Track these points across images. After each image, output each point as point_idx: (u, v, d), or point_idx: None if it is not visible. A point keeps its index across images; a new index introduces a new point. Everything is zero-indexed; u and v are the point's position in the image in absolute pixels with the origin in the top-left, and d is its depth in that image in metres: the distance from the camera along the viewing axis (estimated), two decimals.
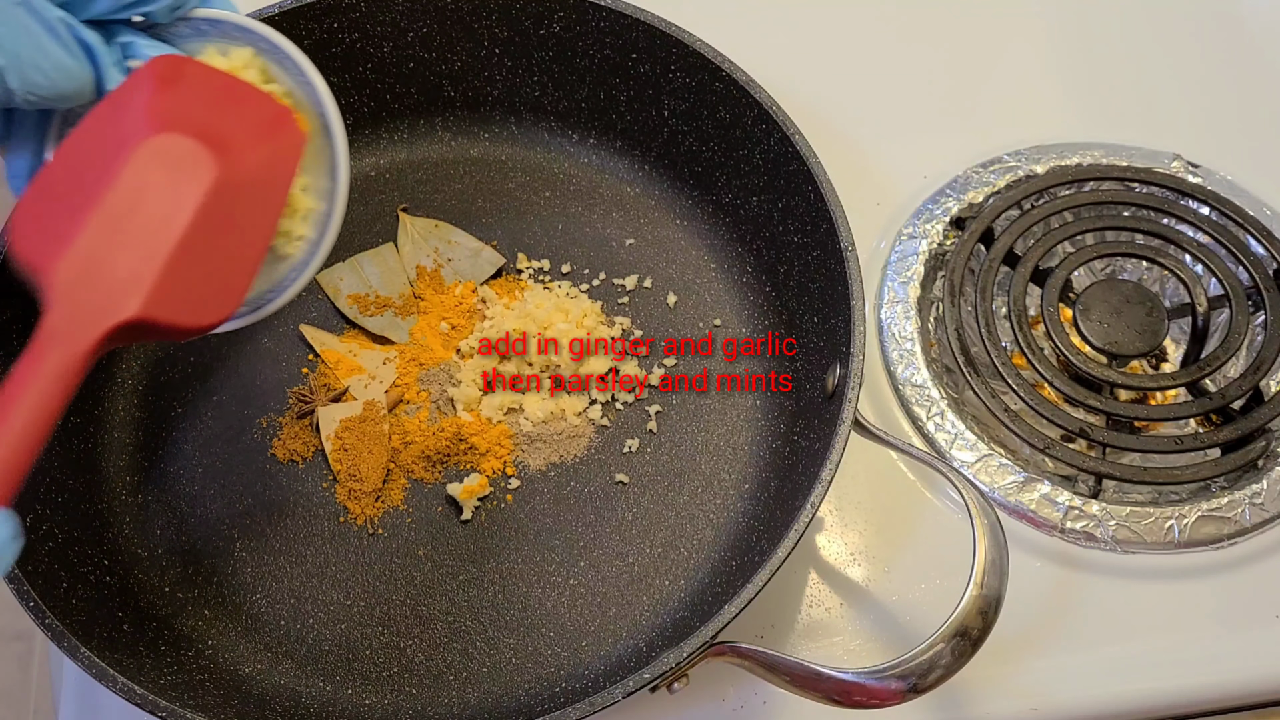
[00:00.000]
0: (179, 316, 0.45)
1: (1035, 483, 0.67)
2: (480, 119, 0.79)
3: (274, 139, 0.50)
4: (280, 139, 0.51)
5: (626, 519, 0.66)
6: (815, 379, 0.65)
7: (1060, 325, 0.72)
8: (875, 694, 0.50)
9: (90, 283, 0.44)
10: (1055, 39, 0.88)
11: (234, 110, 0.49)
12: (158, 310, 0.44)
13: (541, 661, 0.62)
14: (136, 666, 0.56)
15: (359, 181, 0.78)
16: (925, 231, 0.76)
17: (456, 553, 0.66)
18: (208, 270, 0.46)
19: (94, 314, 0.43)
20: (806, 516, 0.55)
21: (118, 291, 0.44)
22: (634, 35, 0.71)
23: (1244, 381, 0.70)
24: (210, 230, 0.46)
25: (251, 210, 0.49)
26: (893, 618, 0.64)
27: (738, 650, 0.53)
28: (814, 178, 0.64)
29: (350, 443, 0.67)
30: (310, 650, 0.63)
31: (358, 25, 0.73)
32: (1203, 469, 0.67)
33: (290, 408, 0.69)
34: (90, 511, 0.64)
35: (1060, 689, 0.62)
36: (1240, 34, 0.88)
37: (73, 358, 0.42)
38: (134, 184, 0.45)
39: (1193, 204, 0.77)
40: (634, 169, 0.78)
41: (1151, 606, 0.65)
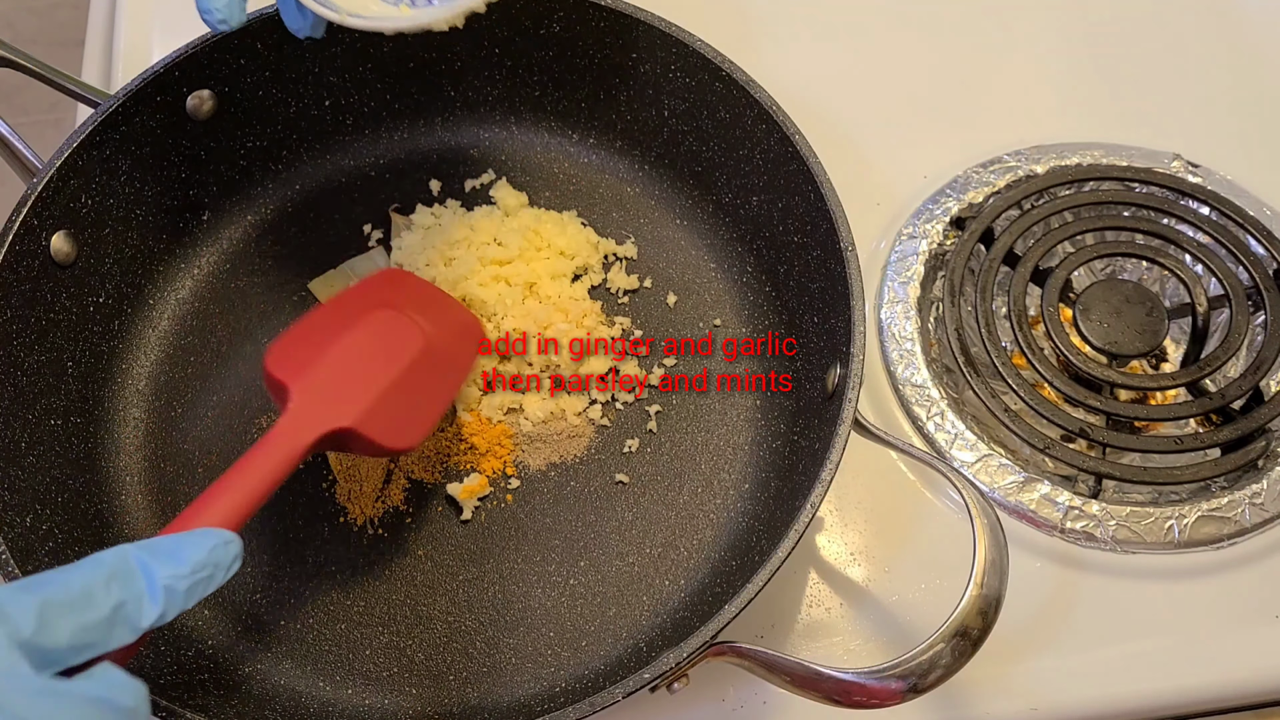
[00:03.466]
0: (379, 436, 0.58)
1: (1035, 483, 0.67)
2: (480, 119, 0.79)
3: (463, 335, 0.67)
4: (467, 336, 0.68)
5: (626, 519, 0.66)
6: (815, 379, 0.65)
7: (1060, 325, 0.72)
8: (875, 694, 0.50)
9: (321, 397, 0.57)
10: (1055, 39, 0.88)
11: (438, 310, 0.66)
12: (366, 427, 0.57)
13: (541, 661, 0.62)
14: (136, 667, 0.56)
15: (359, 181, 0.78)
16: (925, 231, 0.76)
17: (456, 553, 0.66)
18: (405, 410, 0.60)
19: (321, 418, 0.57)
20: (806, 516, 0.55)
21: (341, 407, 0.57)
22: (634, 35, 0.71)
23: (1244, 381, 0.70)
24: (412, 383, 0.61)
25: (442, 379, 0.64)
26: (893, 618, 0.64)
27: (738, 650, 0.53)
28: (814, 178, 0.64)
29: None
30: (310, 650, 0.63)
31: None
32: (1203, 469, 0.67)
33: None
34: (90, 511, 0.64)
35: (1060, 689, 0.62)
36: (1240, 34, 0.88)
37: (296, 447, 0.55)
38: (364, 338, 0.61)
39: (1193, 204, 0.77)
40: (634, 169, 0.78)
41: (1151, 606, 0.65)
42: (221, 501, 0.50)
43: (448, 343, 0.65)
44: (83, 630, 0.40)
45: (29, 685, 0.37)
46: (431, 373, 0.63)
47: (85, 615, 0.40)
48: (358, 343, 0.61)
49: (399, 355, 0.61)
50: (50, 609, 0.39)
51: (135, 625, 0.42)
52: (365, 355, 0.60)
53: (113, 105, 0.66)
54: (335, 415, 0.57)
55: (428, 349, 0.62)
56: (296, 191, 0.77)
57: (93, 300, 0.68)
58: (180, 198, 0.72)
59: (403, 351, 0.61)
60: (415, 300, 0.66)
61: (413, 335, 0.62)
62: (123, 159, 0.68)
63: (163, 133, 0.69)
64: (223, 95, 0.71)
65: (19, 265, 0.62)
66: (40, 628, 0.38)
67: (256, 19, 0.70)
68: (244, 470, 0.53)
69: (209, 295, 0.73)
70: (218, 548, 0.45)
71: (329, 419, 0.57)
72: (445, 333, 0.65)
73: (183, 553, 0.44)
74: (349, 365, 0.59)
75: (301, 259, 0.75)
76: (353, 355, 0.60)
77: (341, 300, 0.65)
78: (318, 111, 0.76)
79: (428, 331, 0.63)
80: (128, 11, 0.86)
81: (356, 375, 0.59)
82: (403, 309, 0.64)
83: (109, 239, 0.68)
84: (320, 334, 0.61)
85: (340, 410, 0.57)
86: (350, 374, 0.59)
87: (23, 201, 0.62)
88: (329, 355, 0.59)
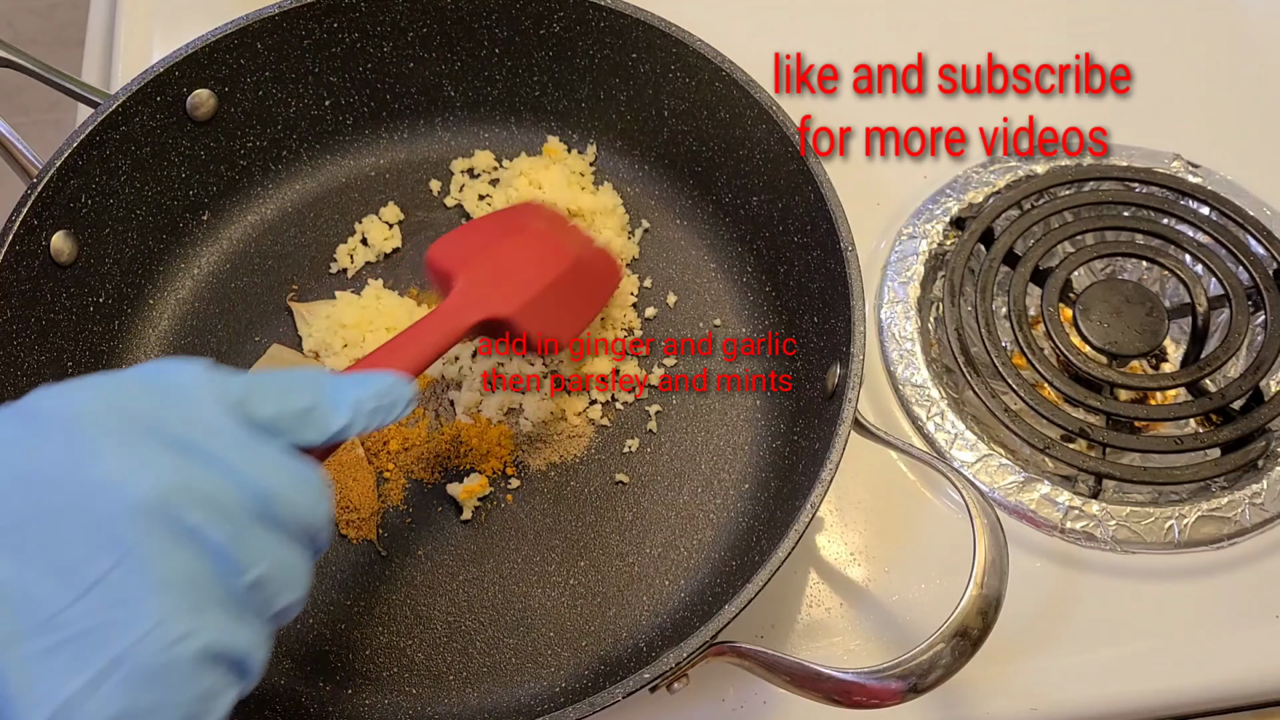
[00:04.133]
0: (533, 328, 0.61)
1: (1035, 483, 0.67)
2: (480, 119, 0.79)
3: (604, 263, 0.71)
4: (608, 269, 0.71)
5: (626, 519, 0.66)
6: (815, 379, 0.65)
7: (1060, 325, 0.72)
8: (875, 694, 0.50)
9: (484, 287, 0.61)
10: (1055, 38, 0.87)
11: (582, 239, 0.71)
12: (522, 318, 0.61)
13: (541, 661, 0.62)
14: None
15: (359, 181, 0.78)
16: (925, 231, 0.76)
17: (456, 553, 0.66)
18: (556, 312, 0.64)
19: (484, 303, 0.60)
20: (806, 516, 0.55)
21: (503, 297, 0.61)
22: (634, 35, 0.71)
23: (1244, 381, 0.70)
24: (563, 290, 0.64)
25: (588, 294, 0.68)
26: (893, 618, 0.64)
27: (738, 650, 0.53)
28: (814, 178, 0.64)
29: (331, 477, 0.66)
30: (310, 650, 0.63)
31: (358, 25, 0.73)
32: (1203, 469, 0.67)
33: None
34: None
35: (1060, 689, 0.62)
36: (1240, 34, 0.88)
37: (460, 325, 0.58)
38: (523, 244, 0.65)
39: (1193, 204, 0.77)
40: (634, 169, 0.78)
41: (1151, 606, 0.65)
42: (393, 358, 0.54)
43: (591, 266, 0.69)
44: (281, 415, 0.41)
45: (239, 439, 0.39)
46: (579, 286, 0.67)
47: (285, 402, 0.42)
48: (517, 247, 0.65)
49: (553, 264, 0.65)
50: (255, 388, 0.41)
51: (325, 428, 0.43)
52: (524, 258, 0.64)
53: (113, 105, 0.66)
54: (497, 303, 0.60)
55: (577, 265, 0.66)
56: (296, 191, 0.77)
57: (93, 300, 0.68)
58: (180, 198, 0.72)
59: (557, 261, 0.65)
60: (564, 228, 0.71)
61: (566, 250, 0.67)
62: (123, 159, 0.68)
63: (163, 133, 0.69)
64: (223, 95, 0.71)
65: (19, 265, 0.62)
66: (247, 397, 0.41)
67: (257, 19, 0.70)
68: (411, 337, 0.56)
69: (209, 295, 0.73)
70: (397, 384, 0.46)
71: (492, 306, 0.60)
72: (590, 257, 0.70)
73: (368, 381, 0.46)
74: (509, 264, 0.63)
75: (301, 259, 0.75)
76: (513, 256, 0.64)
77: (496, 216, 0.72)
78: (318, 111, 0.76)
79: (575, 250, 0.68)
80: (128, 11, 0.86)
81: (516, 273, 0.63)
82: (555, 230, 0.69)
83: (109, 239, 0.68)
84: (481, 237, 0.66)
85: (502, 300, 0.61)
86: (511, 271, 0.63)
87: (23, 201, 0.62)
88: (492, 253, 0.63)
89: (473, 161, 0.78)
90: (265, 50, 0.71)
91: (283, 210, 0.77)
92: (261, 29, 0.70)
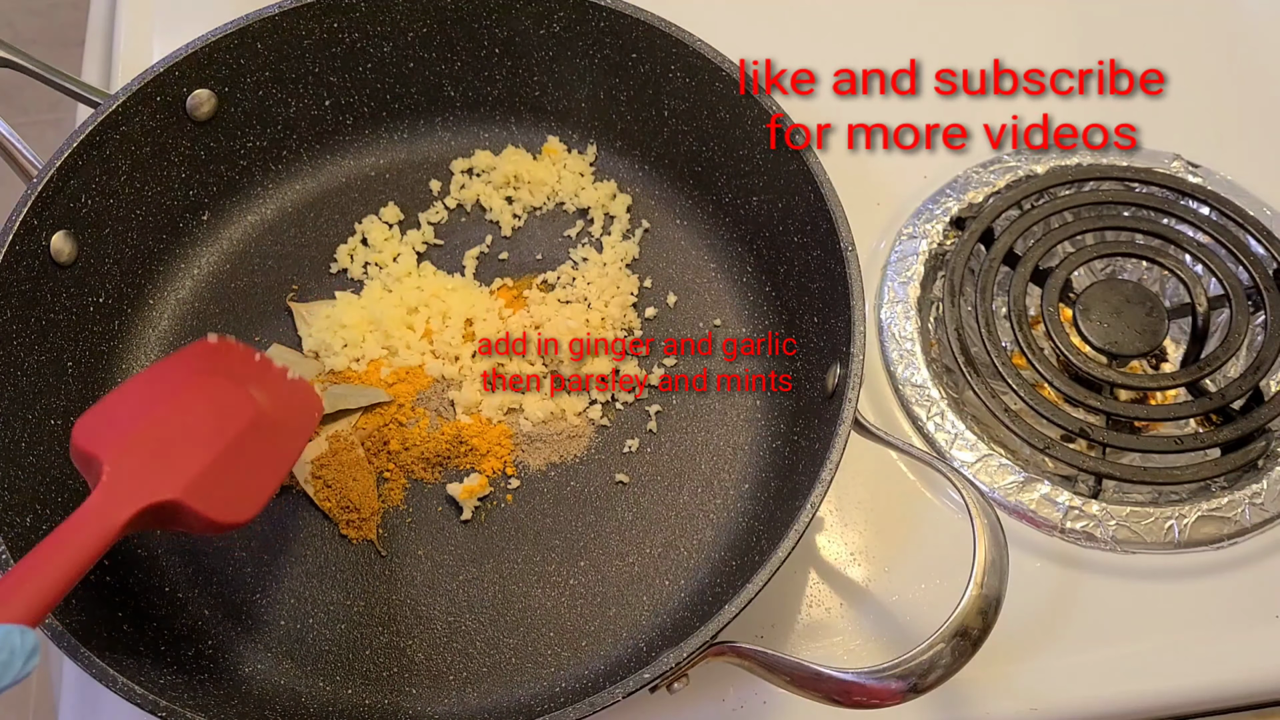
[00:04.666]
0: (207, 509, 0.53)
1: (1035, 483, 0.67)
2: (480, 119, 0.79)
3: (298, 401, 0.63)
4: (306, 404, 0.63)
5: (626, 519, 0.66)
6: (815, 379, 0.65)
7: (1060, 325, 0.72)
8: (875, 694, 0.50)
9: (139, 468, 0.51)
10: (1055, 38, 0.87)
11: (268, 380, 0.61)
12: (192, 499, 0.52)
13: (541, 661, 0.62)
14: (136, 666, 0.56)
15: (359, 181, 0.78)
16: (925, 231, 0.76)
17: (456, 553, 0.66)
18: (236, 482, 0.55)
19: (139, 490, 0.50)
20: (806, 516, 0.55)
21: (163, 477, 0.51)
22: (634, 35, 0.71)
23: (1244, 381, 0.70)
24: (243, 451, 0.56)
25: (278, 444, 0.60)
26: (893, 618, 0.64)
27: (738, 650, 0.53)
28: (814, 178, 0.64)
29: (331, 478, 0.66)
30: (310, 650, 0.63)
31: (358, 25, 0.73)
32: (1203, 469, 0.67)
33: None
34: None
35: (1060, 689, 0.62)
36: (1241, 35, 0.88)
37: (110, 527, 0.49)
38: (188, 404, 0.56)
39: (1193, 204, 0.77)
40: (634, 169, 0.78)
41: (1151, 606, 0.65)
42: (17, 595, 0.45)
43: (281, 412, 0.60)
44: None
45: None
46: (264, 442, 0.58)
47: None
48: (181, 409, 0.55)
49: (228, 423, 0.56)
50: None
51: None
52: (190, 422, 0.55)
53: (113, 105, 0.66)
54: (156, 487, 0.51)
55: (259, 418, 0.58)
56: (296, 191, 0.77)
57: (93, 300, 0.68)
58: (180, 198, 0.72)
59: (232, 419, 0.56)
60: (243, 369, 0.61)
61: (242, 402, 0.58)
62: (123, 159, 0.68)
63: (163, 133, 0.69)
64: (223, 95, 0.71)
65: (19, 265, 0.62)
66: None
67: (257, 19, 0.70)
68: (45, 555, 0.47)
69: (209, 295, 0.73)
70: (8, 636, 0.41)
71: (149, 491, 0.51)
72: (277, 401, 0.61)
73: None
74: (171, 433, 0.54)
75: (301, 259, 0.75)
76: (175, 422, 0.55)
77: (160, 369, 0.60)
78: (318, 111, 0.76)
79: (258, 399, 0.59)
80: (128, 11, 0.86)
81: (180, 443, 0.53)
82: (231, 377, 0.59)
83: (109, 239, 0.68)
84: (137, 402, 0.56)
85: (162, 481, 0.51)
86: (173, 442, 0.53)
87: (23, 201, 0.62)
88: (148, 422, 0.54)
89: (473, 161, 0.78)
90: (265, 50, 0.71)
91: (283, 210, 0.77)
92: (261, 29, 0.70)
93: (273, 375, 0.62)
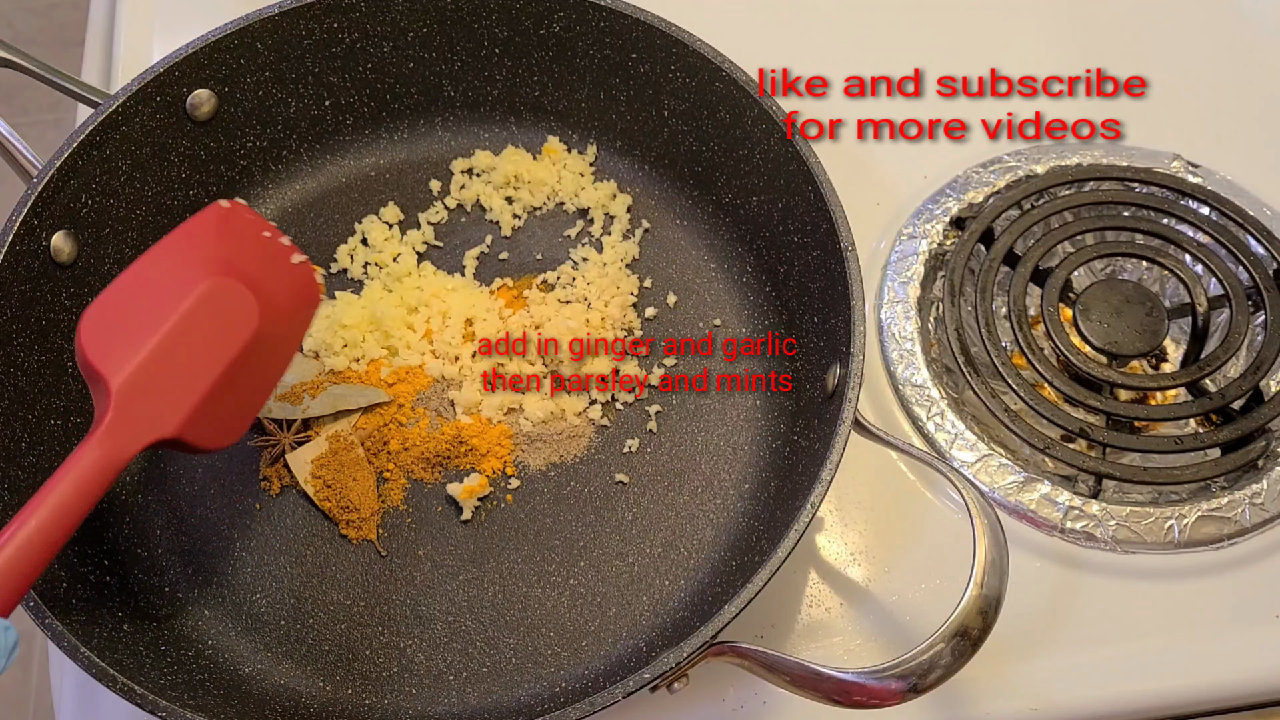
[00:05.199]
0: (200, 440, 0.53)
1: (1035, 483, 0.67)
2: (480, 119, 0.79)
3: (301, 300, 0.60)
4: (305, 302, 0.60)
5: (626, 519, 0.66)
6: (815, 379, 0.65)
7: (1060, 325, 0.72)
8: (875, 694, 0.50)
9: (143, 401, 0.50)
10: (1055, 38, 0.88)
11: (276, 265, 0.59)
12: (187, 433, 0.52)
13: (541, 661, 0.62)
14: (136, 666, 0.56)
15: (359, 181, 0.78)
16: (925, 231, 0.76)
17: (456, 553, 0.66)
18: (228, 404, 0.54)
19: (143, 427, 0.50)
20: (806, 516, 0.55)
21: (166, 410, 0.51)
22: (634, 35, 0.71)
23: (1244, 381, 0.70)
24: (239, 372, 0.54)
25: (271, 358, 0.58)
26: (893, 618, 0.64)
27: (738, 650, 0.53)
28: (814, 178, 0.64)
29: (331, 478, 0.66)
30: (310, 650, 0.63)
31: (358, 25, 0.73)
32: (1203, 469, 0.67)
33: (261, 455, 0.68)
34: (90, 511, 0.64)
35: (1060, 689, 0.62)
36: (1240, 34, 0.88)
37: (116, 458, 0.49)
38: (193, 319, 0.53)
39: (1193, 204, 0.77)
40: (634, 169, 0.78)
41: (1151, 606, 0.65)
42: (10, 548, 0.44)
43: (284, 314, 0.58)
44: None
45: None
46: (261, 355, 0.56)
47: None
48: (188, 323, 0.53)
49: (230, 340, 0.54)
50: None
51: None
52: (195, 341, 0.52)
53: (113, 105, 0.66)
54: (158, 423, 0.50)
55: (261, 329, 0.55)
56: (296, 191, 0.77)
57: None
58: (180, 198, 0.72)
59: (234, 336, 0.54)
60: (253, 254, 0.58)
61: (246, 314, 0.55)
62: (123, 159, 0.68)
63: (163, 133, 0.69)
64: (223, 95, 0.71)
65: (19, 265, 0.62)
66: None
67: (256, 19, 0.70)
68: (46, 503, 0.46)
69: None
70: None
71: (152, 428, 0.50)
72: (282, 300, 0.58)
73: None
74: (176, 356, 0.52)
75: None
76: (181, 341, 0.52)
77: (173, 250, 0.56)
78: (318, 111, 0.76)
79: (263, 303, 0.56)
80: (128, 11, 0.86)
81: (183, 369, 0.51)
82: (239, 272, 0.56)
83: (109, 239, 0.68)
84: (147, 304, 0.53)
85: (164, 416, 0.50)
86: (177, 368, 0.51)
87: (23, 201, 0.62)
88: (155, 343, 0.51)
89: (473, 161, 0.78)
90: (265, 50, 0.71)
91: (283, 210, 0.77)
92: (261, 29, 0.70)
93: (280, 257, 0.59)
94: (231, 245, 0.57)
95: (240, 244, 0.58)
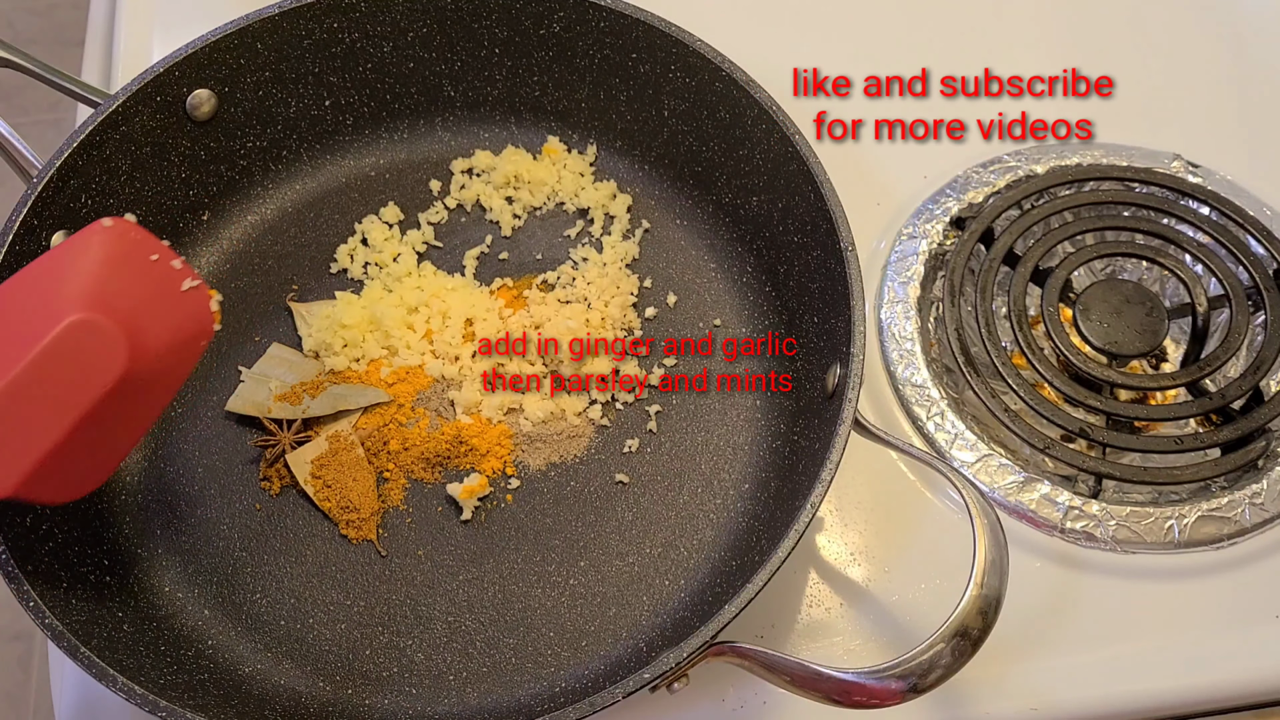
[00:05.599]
0: (45, 496, 0.49)
1: (1035, 483, 0.67)
2: (480, 119, 0.79)
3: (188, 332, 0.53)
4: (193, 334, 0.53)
5: (626, 519, 0.66)
6: (815, 379, 0.65)
7: (1060, 325, 0.72)
8: (875, 694, 0.50)
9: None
10: (1055, 38, 0.87)
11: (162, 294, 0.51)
12: (28, 491, 0.47)
13: (541, 661, 0.62)
14: (136, 666, 0.56)
15: (359, 181, 0.78)
16: (925, 231, 0.76)
17: (456, 553, 0.66)
18: (82, 455, 0.49)
19: None
20: (806, 516, 0.55)
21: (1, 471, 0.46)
22: (634, 35, 0.71)
23: (1244, 381, 0.70)
24: (99, 420, 0.48)
25: (142, 401, 0.52)
26: (893, 618, 0.64)
27: (738, 650, 0.53)
28: (814, 178, 0.64)
29: (331, 478, 0.66)
30: (310, 650, 0.63)
31: (358, 25, 0.73)
32: (1203, 469, 0.67)
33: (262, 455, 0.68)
34: (90, 511, 0.64)
35: (1060, 689, 0.62)
36: (1240, 34, 0.88)
37: None
38: (44, 364, 0.47)
39: (1193, 204, 0.77)
40: (634, 169, 0.78)
41: (1151, 606, 0.65)
42: None
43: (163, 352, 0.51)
44: None
45: None
46: (129, 401, 0.50)
47: None
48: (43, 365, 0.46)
49: (88, 387, 0.47)
50: None
51: None
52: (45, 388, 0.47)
53: (113, 105, 0.66)
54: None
55: (129, 374, 0.48)
56: (296, 191, 0.77)
57: None
58: (180, 198, 0.72)
59: (94, 381, 0.48)
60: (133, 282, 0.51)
61: (111, 356, 0.48)
62: (123, 159, 0.68)
63: (163, 133, 0.69)
64: (223, 95, 0.71)
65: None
66: None
67: (257, 19, 0.70)
68: None
69: None
70: None
71: None
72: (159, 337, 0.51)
73: None
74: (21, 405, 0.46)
75: (301, 259, 0.75)
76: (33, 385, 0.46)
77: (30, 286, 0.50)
78: (318, 111, 0.76)
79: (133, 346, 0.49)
80: (128, 11, 0.86)
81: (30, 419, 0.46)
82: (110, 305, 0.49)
83: None
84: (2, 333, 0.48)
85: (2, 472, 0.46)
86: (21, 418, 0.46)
87: (23, 201, 0.62)
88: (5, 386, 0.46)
89: (473, 161, 0.78)
90: (265, 50, 0.71)
91: (283, 210, 0.77)
92: (261, 29, 0.70)
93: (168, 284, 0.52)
94: (107, 273, 0.50)
95: (119, 271, 0.50)
